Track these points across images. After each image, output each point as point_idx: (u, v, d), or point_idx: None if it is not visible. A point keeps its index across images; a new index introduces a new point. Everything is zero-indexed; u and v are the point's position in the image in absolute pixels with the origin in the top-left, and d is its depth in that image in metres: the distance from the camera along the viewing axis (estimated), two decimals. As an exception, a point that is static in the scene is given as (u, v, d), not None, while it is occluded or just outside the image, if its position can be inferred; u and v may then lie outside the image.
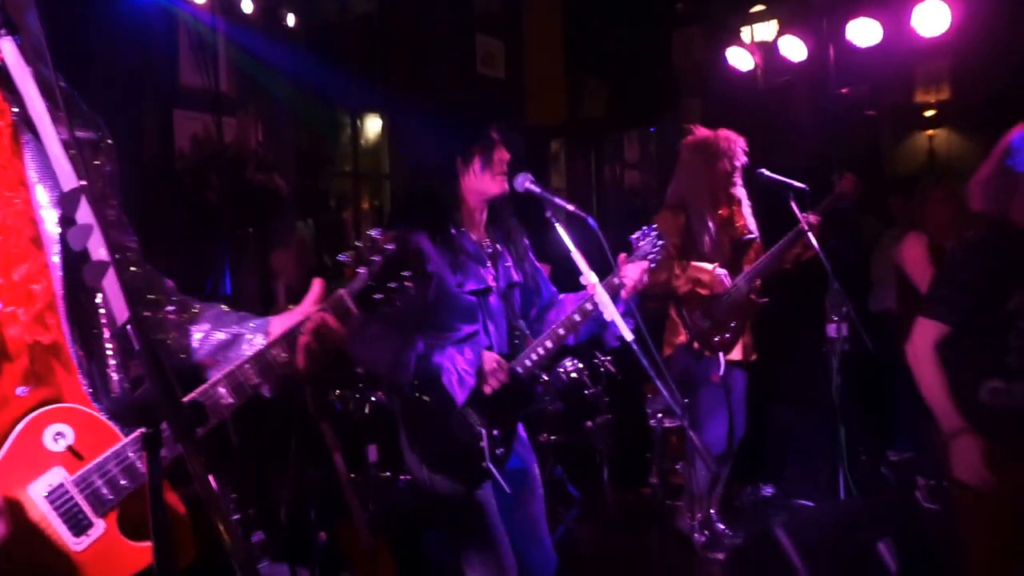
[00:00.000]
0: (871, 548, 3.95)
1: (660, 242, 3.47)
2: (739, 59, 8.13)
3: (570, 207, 3.29)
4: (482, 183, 3.39)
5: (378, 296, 2.11)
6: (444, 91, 9.05)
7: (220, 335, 2.14)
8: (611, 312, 3.12)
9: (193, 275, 6.09)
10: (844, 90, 8.47)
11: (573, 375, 5.88)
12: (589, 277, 3.18)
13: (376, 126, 9.82)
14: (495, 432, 3.38)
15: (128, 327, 1.49)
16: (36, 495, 1.76)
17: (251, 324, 2.17)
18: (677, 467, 5.80)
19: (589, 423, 5.89)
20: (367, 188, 9.78)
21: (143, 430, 1.49)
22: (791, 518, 4.42)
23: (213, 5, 6.06)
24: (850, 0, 7.47)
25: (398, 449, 3.54)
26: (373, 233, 2.16)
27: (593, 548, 5.83)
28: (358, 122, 9.41)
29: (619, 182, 11.74)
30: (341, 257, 2.17)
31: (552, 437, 5.71)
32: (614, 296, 3.29)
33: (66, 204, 1.63)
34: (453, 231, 3.40)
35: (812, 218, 5.24)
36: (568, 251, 3.23)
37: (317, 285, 2.11)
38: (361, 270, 2.11)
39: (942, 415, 3.32)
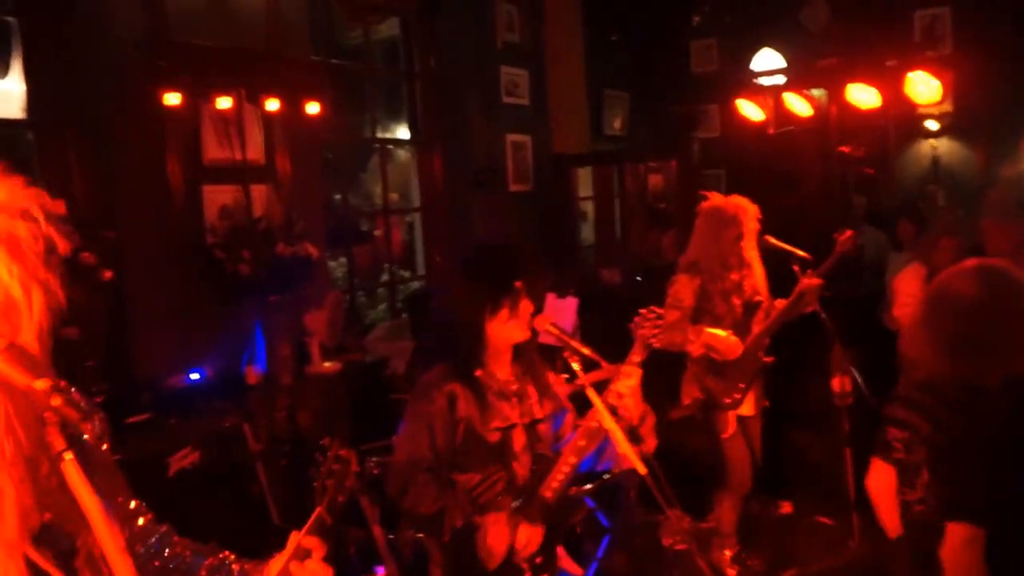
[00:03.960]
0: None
1: (659, 321, 3.44)
2: (749, 111, 8.32)
3: (585, 350, 3.30)
4: (507, 331, 3.43)
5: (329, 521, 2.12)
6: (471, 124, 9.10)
7: None
8: (624, 448, 3.10)
9: (228, 344, 6.12)
10: (844, 148, 8.69)
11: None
12: (604, 420, 3.18)
13: (405, 157, 9.79)
14: (538, 561, 3.38)
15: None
16: None
17: None
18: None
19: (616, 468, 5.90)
20: (398, 221, 9.77)
21: None
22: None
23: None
24: (851, 67, 7.72)
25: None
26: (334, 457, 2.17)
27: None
28: (387, 154, 9.34)
29: (642, 186, 11.67)
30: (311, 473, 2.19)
31: (583, 488, 5.73)
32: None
33: None
34: (479, 373, 3.44)
35: (814, 280, 5.37)
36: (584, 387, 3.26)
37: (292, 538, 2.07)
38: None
39: None
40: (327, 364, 6.50)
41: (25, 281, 1.55)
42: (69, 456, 1.57)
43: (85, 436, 1.76)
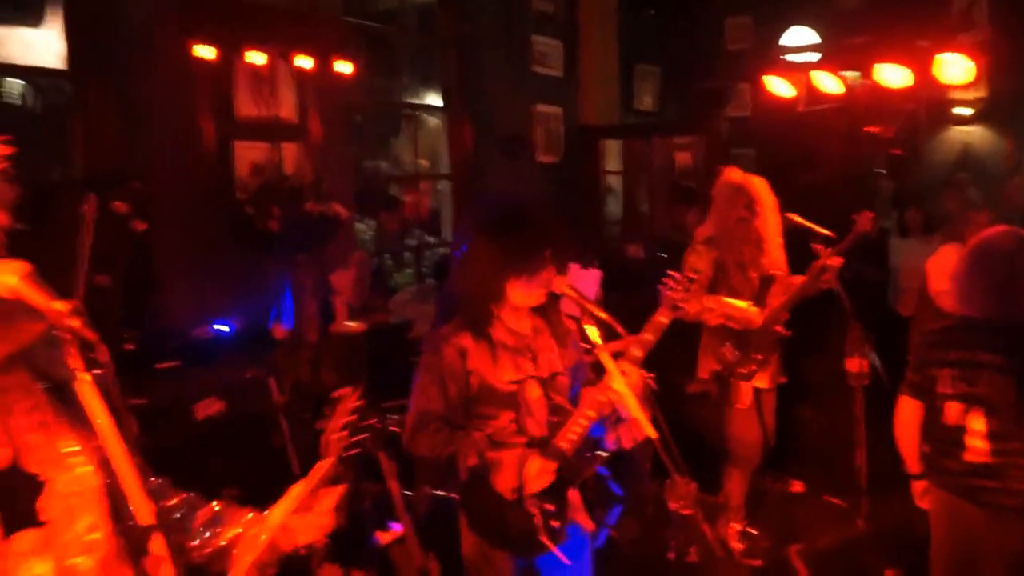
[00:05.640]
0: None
1: (691, 284, 3.39)
2: (779, 87, 8.36)
3: (603, 315, 3.31)
4: (527, 292, 3.45)
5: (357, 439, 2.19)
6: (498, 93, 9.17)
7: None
8: (635, 412, 3.12)
9: (255, 299, 6.26)
10: (873, 128, 8.67)
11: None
12: (617, 384, 3.18)
13: (434, 123, 9.89)
14: (549, 507, 3.43)
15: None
16: None
17: None
18: (691, 550, 5.85)
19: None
20: (427, 187, 9.88)
21: None
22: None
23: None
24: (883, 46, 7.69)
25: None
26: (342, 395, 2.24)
27: (633, 550, 5.90)
28: (416, 120, 9.45)
29: (669, 163, 11.73)
30: (319, 426, 2.24)
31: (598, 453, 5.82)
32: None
33: None
34: (493, 328, 3.49)
35: (834, 258, 5.34)
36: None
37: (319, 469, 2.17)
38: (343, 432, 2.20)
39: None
40: (352, 323, 6.62)
41: None
42: (87, 377, 1.65)
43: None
